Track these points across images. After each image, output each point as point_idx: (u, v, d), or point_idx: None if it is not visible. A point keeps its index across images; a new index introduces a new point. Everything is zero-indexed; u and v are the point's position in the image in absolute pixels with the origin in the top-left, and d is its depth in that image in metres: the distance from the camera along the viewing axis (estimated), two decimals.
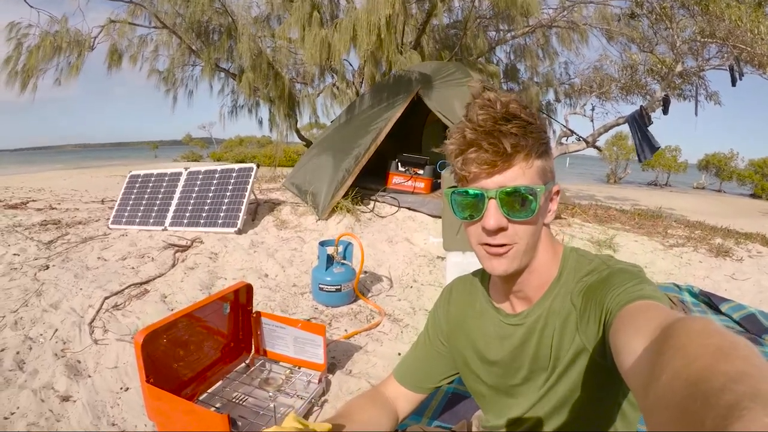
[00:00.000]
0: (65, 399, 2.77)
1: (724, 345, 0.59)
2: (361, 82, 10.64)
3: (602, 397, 1.25)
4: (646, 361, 0.75)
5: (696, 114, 10.81)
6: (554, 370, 1.25)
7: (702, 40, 10.02)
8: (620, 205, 11.66)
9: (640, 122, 9.60)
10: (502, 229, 1.14)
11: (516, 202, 1.11)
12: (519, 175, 1.11)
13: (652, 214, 9.00)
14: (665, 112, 10.10)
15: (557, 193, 1.25)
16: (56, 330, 3.52)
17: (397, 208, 7.18)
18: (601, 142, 12.33)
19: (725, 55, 10.22)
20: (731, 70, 9.51)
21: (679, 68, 10.49)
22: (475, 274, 1.55)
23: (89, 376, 3.02)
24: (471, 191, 1.14)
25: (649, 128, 9.70)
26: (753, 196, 29.69)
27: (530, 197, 1.11)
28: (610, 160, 34.00)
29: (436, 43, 11.48)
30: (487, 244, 1.18)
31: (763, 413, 0.43)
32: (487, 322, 1.42)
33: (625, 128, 10.60)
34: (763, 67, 10.10)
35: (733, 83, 9.57)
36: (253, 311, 3.17)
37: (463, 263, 4.60)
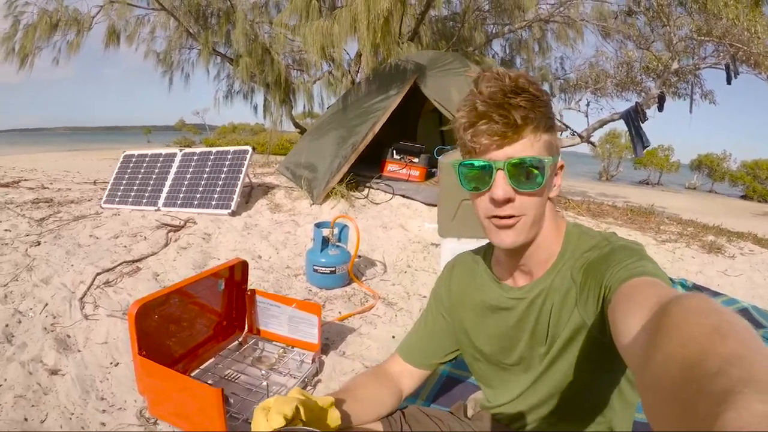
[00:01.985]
0: (54, 372, 2.74)
1: (722, 325, 0.59)
2: (357, 71, 10.61)
3: (601, 375, 1.27)
4: (642, 338, 0.75)
5: (690, 112, 10.87)
6: (553, 346, 1.26)
7: (698, 38, 10.04)
8: (612, 201, 11.69)
9: (635, 118, 9.62)
10: (509, 200, 1.15)
11: (523, 173, 1.13)
12: (527, 147, 1.12)
13: (644, 210, 9.03)
14: (660, 109, 10.14)
15: (561, 167, 1.26)
16: (46, 305, 3.47)
17: (391, 195, 7.16)
18: (595, 138, 12.35)
19: (721, 53, 10.24)
20: (727, 68, 9.55)
21: (675, 66, 10.50)
22: (477, 251, 1.56)
23: (79, 351, 2.99)
24: (479, 162, 1.15)
25: (644, 126, 9.72)
26: (744, 197, 29.92)
27: (537, 169, 1.13)
28: (603, 157, 34.09)
29: (434, 34, 11.45)
30: (495, 216, 1.18)
31: (755, 399, 0.42)
32: (488, 296, 1.42)
33: (619, 126, 10.65)
34: (759, 67, 10.14)
35: (728, 81, 9.61)
36: (248, 289, 3.15)
37: (458, 249, 4.53)
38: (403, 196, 7.15)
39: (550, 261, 1.28)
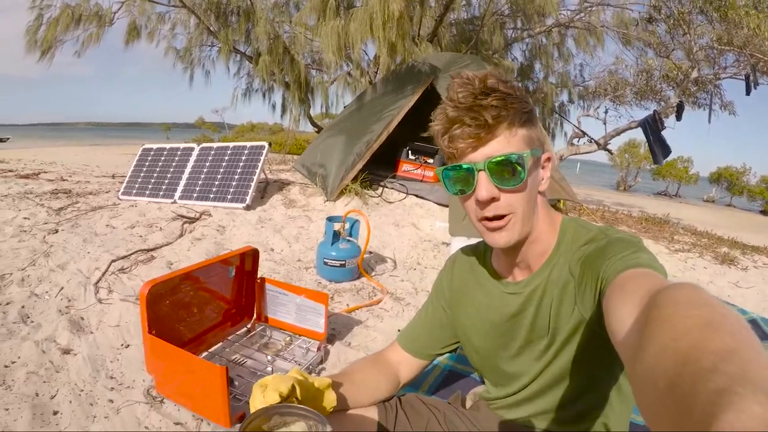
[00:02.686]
0: (66, 352, 2.81)
1: (714, 318, 0.59)
2: (376, 72, 10.65)
3: (600, 369, 1.28)
4: (634, 330, 0.75)
5: (709, 122, 10.74)
6: (554, 340, 1.27)
7: (719, 47, 9.97)
8: (627, 211, 11.62)
9: (653, 127, 9.57)
10: (494, 200, 1.16)
11: (504, 170, 1.13)
12: (504, 144, 1.13)
13: (659, 220, 8.98)
14: (678, 118, 10.07)
15: (548, 160, 1.26)
16: (62, 288, 3.55)
17: (405, 195, 7.20)
18: (612, 146, 12.30)
19: (742, 63, 10.17)
20: (747, 78, 9.44)
21: (694, 75, 10.44)
22: (478, 245, 1.57)
23: (91, 333, 3.06)
24: (461, 166, 1.16)
25: (662, 134, 9.66)
26: (763, 212, 29.55)
27: (517, 165, 1.13)
28: (621, 167, 33.83)
29: (453, 36, 11.46)
30: (486, 219, 1.20)
31: (752, 400, 0.42)
32: (488, 290, 1.44)
33: (638, 135, 10.57)
34: None
35: (748, 92, 9.50)
36: (258, 277, 3.20)
37: None
38: (417, 195, 7.19)
39: (545, 254, 1.29)
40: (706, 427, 0.42)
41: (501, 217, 1.18)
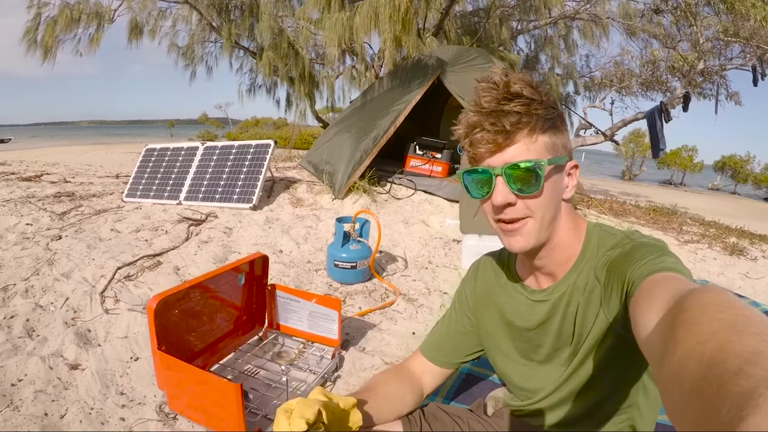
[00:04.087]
0: (74, 367, 2.72)
1: (738, 320, 0.58)
2: (381, 66, 10.58)
3: (627, 373, 1.27)
4: (660, 333, 0.74)
5: (716, 113, 10.83)
6: (579, 347, 1.27)
7: (725, 39, 9.96)
8: (634, 200, 11.61)
9: (659, 118, 9.54)
10: (510, 204, 1.18)
11: (521, 177, 1.14)
12: (523, 151, 1.14)
13: (667, 210, 8.94)
14: (685, 109, 10.06)
15: (575, 167, 1.26)
16: (67, 299, 3.46)
17: (413, 191, 7.13)
18: (618, 137, 12.31)
19: (748, 55, 10.17)
20: (754, 70, 9.50)
21: (701, 66, 10.42)
22: (502, 251, 1.56)
23: (99, 345, 2.97)
24: (479, 170, 1.19)
25: (668, 125, 9.64)
26: (767, 200, 29.56)
27: (534, 172, 1.13)
28: (626, 156, 33.84)
29: (458, 29, 11.39)
30: (501, 221, 1.22)
31: None
32: (512, 298, 1.44)
33: (643, 125, 10.57)
34: None
35: (755, 83, 9.59)
36: (268, 284, 3.12)
37: (479, 246, 4.59)
38: (426, 191, 7.12)
39: (570, 261, 1.29)
40: (732, 429, 0.42)
41: (516, 220, 1.19)
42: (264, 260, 3.05)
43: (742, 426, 0.41)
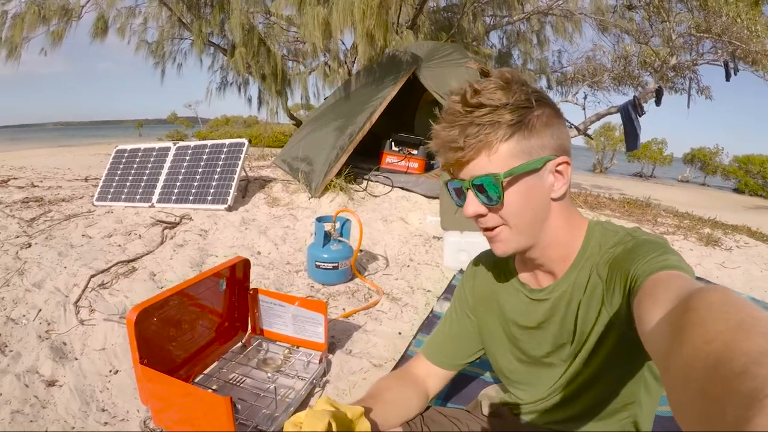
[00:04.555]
0: (51, 384, 2.59)
1: (745, 320, 0.58)
2: (353, 62, 10.52)
3: (630, 370, 1.27)
4: (666, 334, 0.74)
5: (688, 107, 10.99)
6: (581, 345, 1.27)
7: (697, 34, 10.11)
8: (607, 193, 11.75)
9: (633, 113, 9.64)
10: (482, 215, 1.20)
11: (482, 190, 1.15)
12: (484, 164, 1.14)
13: (641, 203, 9.07)
14: (658, 103, 10.21)
15: (564, 164, 1.21)
16: (40, 310, 3.32)
17: (390, 188, 7.08)
18: (590, 130, 12.44)
19: (719, 50, 10.33)
20: (726, 65, 9.68)
21: (673, 61, 10.55)
22: None
23: (76, 359, 2.85)
24: (454, 183, 1.21)
25: (641, 119, 9.76)
26: (736, 190, 30.34)
27: (491, 185, 1.14)
28: (597, 149, 34.26)
29: (432, 24, 11.35)
30: (482, 228, 1.25)
31: None
32: (512, 296, 1.43)
33: (613, 118, 10.72)
34: (757, 65, 10.23)
35: (728, 78, 9.79)
36: (250, 288, 3.02)
37: (461, 242, 4.55)
38: (402, 188, 7.08)
39: (569, 259, 1.28)
40: (739, 430, 0.42)
41: (493, 228, 1.21)
42: (245, 264, 2.95)
43: (747, 426, 0.41)
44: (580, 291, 1.24)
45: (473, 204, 1.18)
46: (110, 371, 2.76)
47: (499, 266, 1.50)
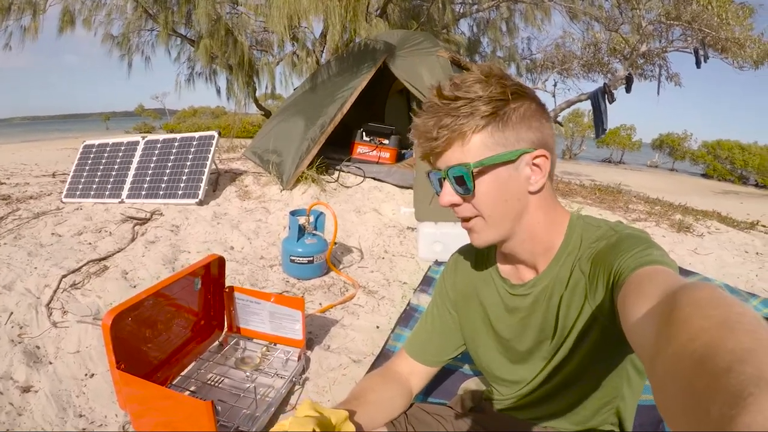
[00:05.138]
0: (26, 390, 2.53)
1: (730, 317, 0.58)
2: (322, 51, 10.45)
3: (614, 365, 1.27)
4: (652, 330, 0.74)
5: (658, 93, 11.14)
6: (564, 339, 1.26)
7: (667, 22, 10.20)
8: (577, 180, 11.85)
9: (602, 99, 9.72)
10: (455, 204, 1.22)
11: (456, 180, 1.17)
12: (458, 154, 1.16)
13: (612, 189, 9.17)
14: (628, 90, 10.34)
15: (542, 157, 1.19)
16: (11, 313, 3.23)
17: (362, 178, 7.05)
18: (560, 117, 12.52)
19: (689, 38, 10.44)
20: (696, 53, 9.77)
21: (643, 48, 10.65)
22: None
23: (50, 363, 2.78)
24: (432, 173, 1.24)
25: (611, 106, 9.85)
26: (704, 176, 31.01)
27: (462, 175, 1.15)
28: (566, 136, 34.56)
29: (402, 12, 11.28)
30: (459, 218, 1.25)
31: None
32: (494, 291, 1.43)
33: (582, 105, 10.82)
34: (726, 52, 10.36)
35: (698, 65, 9.92)
36: (226, 286, 2.98)
37: (436, 233, 4.55)
38: (375, 178, 7.06)
39: (551, 254, 1.27)
40: (723, 429, 0.42)
41: (469, 218, 1.23)
42: (220, 262, 2.90)
43: (732, 426, 0.41)
44: (562, 286, 1.24)
45: (448, 193, 1.19)
46: (86, 375, 2.71)
47: (480, 260, 1.50)
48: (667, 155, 35.17)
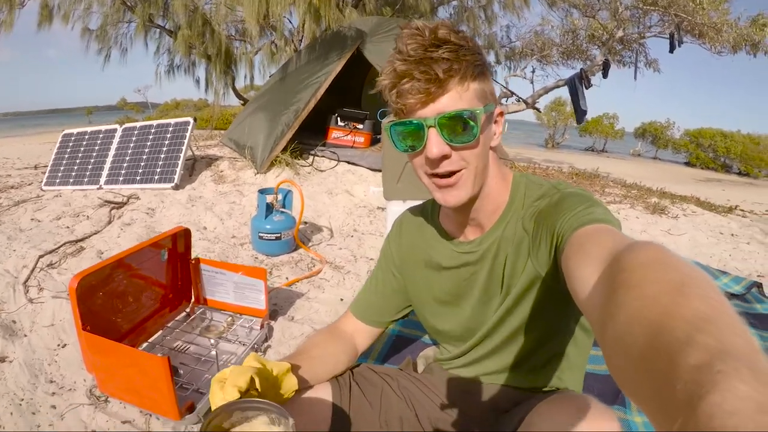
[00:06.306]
0: (1, 360, 2.66)
1: (684, 281, 0.57)
2: (300, 40, 10.46)
3: (557, 323, 1.29)
4: (599, 293, 0.74)
5: (635, 79, 11.17)
6: (508, 297, 1.28)
7: (644, 7, 10.21)
8: (557, 167, 11.89)
9: (579, 85, 9.76)
10: (445, 157, 1.13)
11: (456, 126, 1.10)
12: (456, 99, 1.09)
13: (589, 174, 9.20)
14: (605, 76, 10.34)
15: (501, 114, 1.22)
16: None
17: (336, 162, 7.14)
18: (540, 105, 12.55)
19: (666, 23, 10.45)
20: (671, 37, 9.78)
21: (620, 34, 10.69)
22: (424, 206, 1.55)
23: (25, 336, 2.91)
24: (410, 122, 1.12)
25: (588, 92, 9.87)
26: (687, 164, 31.03)
27: (470, 121, 1.09)
28: (549, 125, 34.50)
29: (378, 1, 11.29)
30: (435, 176, 1.17)
31: (737, 378, 0.40)
32: (439, 251, 1.44)
33: (565, 93, 10.80)
34: (703, 37, 10.39)
35: (671, 50, 9.90)
36: (192, 258, 3.10)
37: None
38: (349, 162, 7.14)
39: (498, 212, 1.29)
40: (692, 407, 0.41)
41: (452, 174, 1.15)
42: (186, 234, 3.02)
43: (701, 405, 0.40)
44: (507, 244, 1.26)
45: (438, 143, 1.10)
46: (58, 345, 2.85)
47: (424, 222, 1.51)
48: (650, 144, 35.07)
